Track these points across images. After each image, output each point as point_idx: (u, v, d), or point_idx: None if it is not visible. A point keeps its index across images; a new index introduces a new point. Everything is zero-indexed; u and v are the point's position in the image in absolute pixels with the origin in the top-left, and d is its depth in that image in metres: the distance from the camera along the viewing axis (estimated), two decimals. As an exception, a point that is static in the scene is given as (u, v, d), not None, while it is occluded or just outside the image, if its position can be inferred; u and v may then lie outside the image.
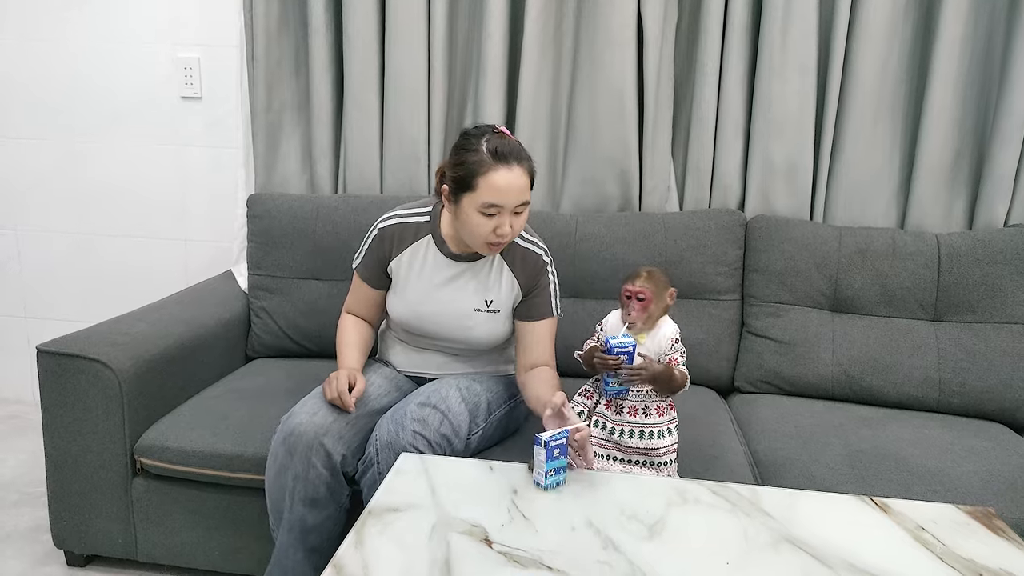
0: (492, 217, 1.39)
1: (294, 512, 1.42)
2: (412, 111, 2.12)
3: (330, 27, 2.13)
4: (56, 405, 1.64)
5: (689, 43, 2.09)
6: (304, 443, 1.40)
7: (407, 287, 1.56)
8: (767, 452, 1.61)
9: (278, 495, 1.43)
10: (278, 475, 1.42)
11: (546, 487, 1.21)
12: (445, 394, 1.47)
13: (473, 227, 1.40)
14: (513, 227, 1.41)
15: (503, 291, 1.56)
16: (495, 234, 1.40)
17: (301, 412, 1.45)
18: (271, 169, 2.23)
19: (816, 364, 1.88)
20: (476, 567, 1.01)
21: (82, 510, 1.69)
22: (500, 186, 1.36)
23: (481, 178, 1.36)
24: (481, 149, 1.37)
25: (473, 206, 1.38)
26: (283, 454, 1.41)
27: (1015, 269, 1.83)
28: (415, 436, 1.38)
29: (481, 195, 1.37)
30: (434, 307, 1.55)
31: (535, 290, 1.56)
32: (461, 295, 1.55)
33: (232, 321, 2.04)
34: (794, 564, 1.05)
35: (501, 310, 1.56)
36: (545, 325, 1.56)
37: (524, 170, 1.39)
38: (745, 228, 2.01)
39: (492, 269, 1.55)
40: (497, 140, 1.38)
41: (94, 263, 2.54)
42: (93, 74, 2.39)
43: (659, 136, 2.09)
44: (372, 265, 1.58)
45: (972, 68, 1.96)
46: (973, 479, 1.49)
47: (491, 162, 1.36)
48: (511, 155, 1.37)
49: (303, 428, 1.41)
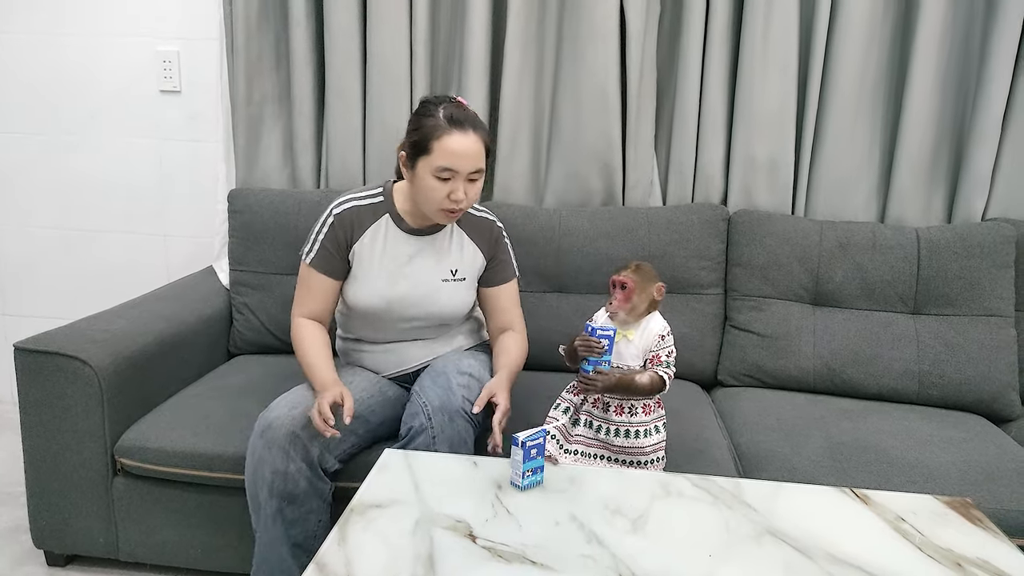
0: (447, 182, 1.42)
1: (271, 506, 1.40)
2: (395, 103, 2.11)
3: (311, 18, 2.11)
4: (34, 403, 1.62)
5: (672, 38, 2.09)
6: (281, 436, 1.39)
7: (370, 272, 1.55)
8: (750, 445, 1.62)
9: (256, 490, 1.42)
10: (256, 469, 1.41)
11: (523, 487, 1.21)
12: (470, 364, 1.54)
13: (428, 191, 1.44)
14: (468, 194, 1.45)
15: (465, 260, 1.60)
16: (449, 199, 1.43)
17: (279, 406, 1.44)
18: (252, 163, 2.21)
19: (798, 357, 1.90)
20: (460, 562, 1.01)
21: (62, 509, 1.67)
22: (455, 150, 1.40)
23: (436, 142, 1.40)
24: (438, 115, 1.42)
25: (428, 169, 1.42)
26: (261, 447, 1.40)
27: (992, 262, 1.86)
28: (464, 401, 1.43)
29: (436, 158, 1.41)
30: (401, 289, 1.55)
31: (496, 255, 1.63)
32: (426, 269, 1.56)
33: (213, 317, 2.02)
34: (776, 556, 1.06)
35: (467, 278, 1.60)
36: (510, 288, 1.65)
37: (479, 137, 1.44)
38: (728, 222, 2.02)
39: (452, 239, 1.59)
40: (453, 108, 1.43)
41: (73, 259, 2.50)
42: (71, 68, 2.35)
43: (642, 130, 2.09)
44: (331, 254, 1.54)
45: (950, 65, 1.98)
46: (951, 470, 1.51)
47: (446, 127, 1.41)
48: (467, 121, 1.42)
49: (280, 422, 1.40)
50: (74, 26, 2.32)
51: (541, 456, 1.23)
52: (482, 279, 1.64)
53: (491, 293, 1.64)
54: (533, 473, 1.22)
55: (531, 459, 1.21)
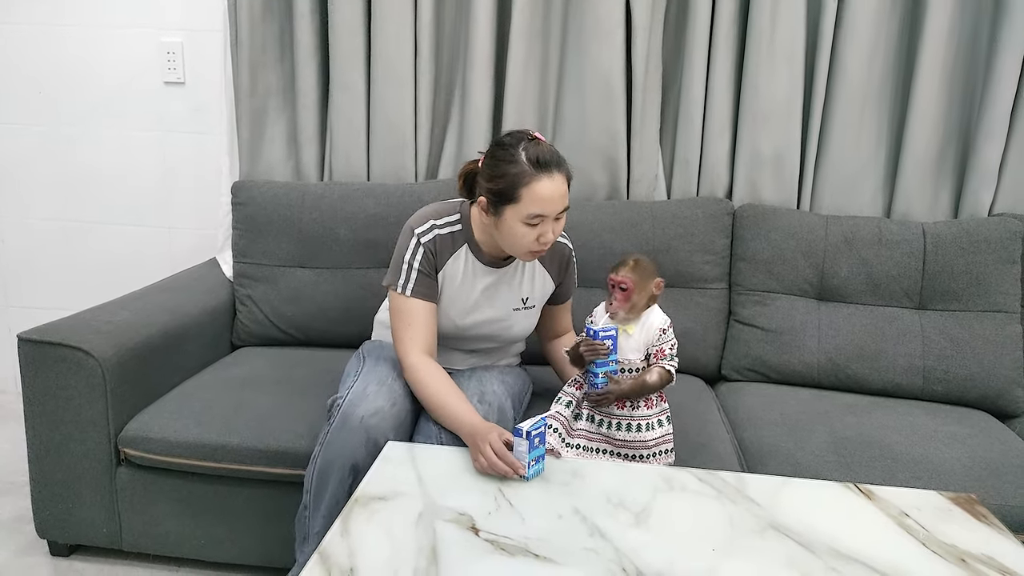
0: (535, 227, 1.37)
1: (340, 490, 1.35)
2: (399, 97, 2.10)
3: (315, 11, 2.10)
4: (38, 394, 1.62)
5: (677, 32, 2.08)
6: (379, 436, 1.35)
7: (447, 301, 1.52)
8: (753, 440, 1.62)
9: (326, 477, 1.36)
10: (335, 459, 1.35)
11: (529, 477, 1.21)
12: (495, 391, 1.50)
13: (517, 238, 1.39)
14: (555, 232, 1.41)
15: (536, 287, 1.58)
16: (538, 242, 1.39)
17: (377, 398, 1.39)
18: (256, 155, 2.21)
19: (802, 352, 1.89)
20: (463, 555, 1.01)
21: (65, 500, 1.68)
22: (544, 196, 1.34)
23: (524, 189, 1.34)
24: (520, 159, 1.35)
25: (517, 218, 1.36)
26: (355, 442, 1.34)
27: (999, 257, 1.85)
28: None
29: (525, 207, 1.35)
30: (475, 318, 1.54)
31: (566, 278, 1.62)
32: (499, 299, 1.54)
33: (217, 309, 2.02)
34: (779, 550, 1.05)
35: (536, 305, 1.59)
36: (569, 302, 1.68)
37: (564, 176, 1.38)
38: (733, 217, 2.01)
39: (525, 268, 1.56)
40: (535, 148, 1.36)
41: (77, 250, 2.50)
42: (75, 59, 2.35)
43: (647, 124, 2.08)
44: (427, 277, 1.48)
45: (958, 59, 1.96)
46: (956, 466, 1.50)
47: (533, 172, 1.34)
48: (552, 163, 1.36)
49: (383, 415, 1.36)
50: (77, 17, 2.31)
51: (543, 445, 1.23)
52: (548, 299, 1.63)
53: (552, 309, 1.65)
54: (537, 462, 1.22)
55: (535, 448, 1.21)
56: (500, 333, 1.58)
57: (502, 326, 1.56)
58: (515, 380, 1.62)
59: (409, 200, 2.00)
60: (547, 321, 1.67)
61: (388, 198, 2.02)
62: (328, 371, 1.80)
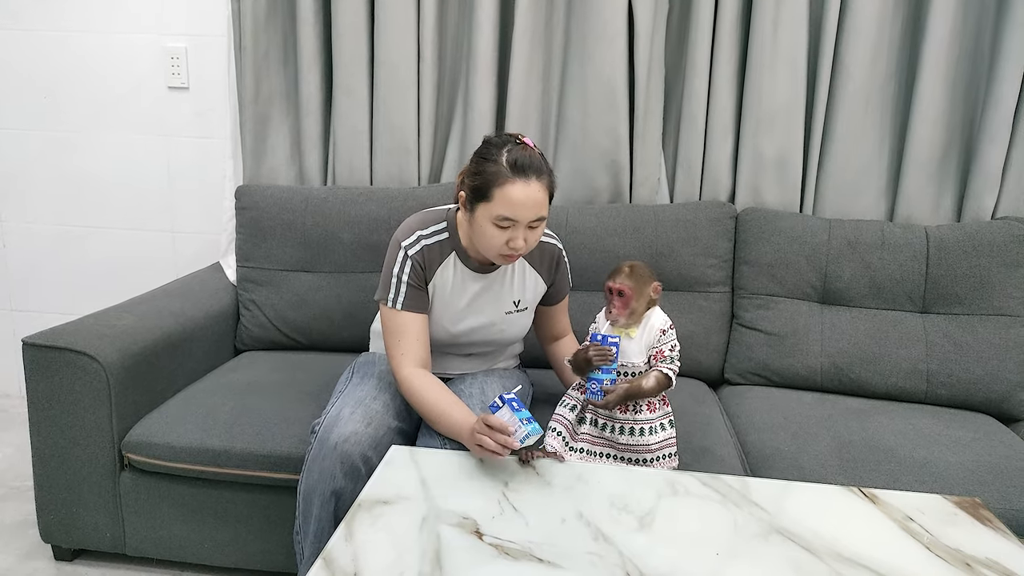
0: (505, 230, 1.36)
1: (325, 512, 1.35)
2: (402, 102, 2.11)
3: (319, 16, 2.11)
4: (42, 398, 1.63)
5: (680, 35, 2.08)
6: (356, 456, 1.33)
7: (438, 309, 1.52)
8: (756, 444, 1.62)
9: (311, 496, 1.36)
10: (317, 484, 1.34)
11: (527, 437, 1.20)
12: (494, 393, 1.51)
13: (487, 238, 1.38)
14: (527, 241, 1.38)
15: (528, 289, 1.57)
16: (508, 246, 1.38)
17: (352, 420, 1.38)
18: (259, 160, 2.21)
19: (805, 356, 1.89)
20: (467, 559, 1.01)
21: (69, 504, 1.68)
22: (515, 200, 1.33)
23: (497, 189, 1.33)
24: (500, 160, 1.34)
25: (487, 217, 1.36)
26: (331, 462, 1.33)
27: (1002, 261, 1.85)
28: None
29: (495, 207, 1.34)
30: (467, 324, 1.54)
31: (557, 278, 1.61)
32: (490, 304, 1.54)
33: (221, 314, 2.03)
34: (783, 555, 1.05)
35: (528, 307, 1.59)
36: (564, 301, 1.66)
37: (542, 185, 1.36)
38: (735, 220, 2.01)
39: (515, 271, 1.55)
40: (518, 152, 1.35)
41: (81, 255, 2.51)
42: (79, 64, 2.36)
43: (650, 128, 2.08)
44: (417, 290, 1.47)
45: (961, 63, 1.96)
46: (960, 470, 1.50)
47: (508, 174, 1.33)
48: (530, 168, 1.34)
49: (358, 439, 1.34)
50: (82, 23, 2.33)
51: (524, 408, 1.25)
52: (541, 300, 1.63)
53: (547, 310, 1.65)
54: (529, 422, 1.22)
55: (517, 411, 1.22)
56: (494, 337, 1.58)
57: (495, 330, 1.56)
58: (515, 384, 1.62)
59: (412, 204, 2.01)
60: (545, 323, 1.66)
61: (391, 202, 2.03)
62: (331, 375, 1.80)
